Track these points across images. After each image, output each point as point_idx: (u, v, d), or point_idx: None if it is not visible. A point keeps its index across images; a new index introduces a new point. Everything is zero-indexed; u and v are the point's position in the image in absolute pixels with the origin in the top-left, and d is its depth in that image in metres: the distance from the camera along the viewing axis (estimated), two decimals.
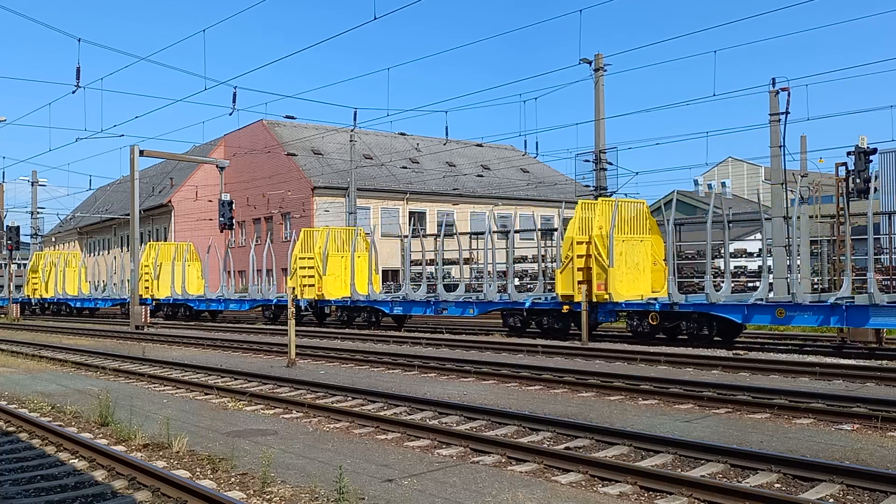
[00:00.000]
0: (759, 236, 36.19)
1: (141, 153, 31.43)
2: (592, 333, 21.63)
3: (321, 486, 6.49)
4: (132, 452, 7.96)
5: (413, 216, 51.57)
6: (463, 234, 37.39)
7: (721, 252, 22.70)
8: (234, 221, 32.85)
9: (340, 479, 6.10)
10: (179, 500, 6.20)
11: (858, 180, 18.52)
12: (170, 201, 59.88)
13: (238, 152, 52.17)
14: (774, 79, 20.41)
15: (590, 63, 27.09)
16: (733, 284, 22.65)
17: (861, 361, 14.54)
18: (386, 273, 42.54)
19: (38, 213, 51.75)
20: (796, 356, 15.91)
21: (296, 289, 29.48)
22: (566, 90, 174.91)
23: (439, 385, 12.87)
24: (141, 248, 37.27)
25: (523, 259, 36.29)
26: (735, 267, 30.09)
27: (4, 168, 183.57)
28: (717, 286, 20.17)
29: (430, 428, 8.82)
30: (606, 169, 27.10)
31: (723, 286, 19.75)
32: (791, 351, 17.69)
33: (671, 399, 10.73)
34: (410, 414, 10.16)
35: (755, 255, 33.82)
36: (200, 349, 21.04)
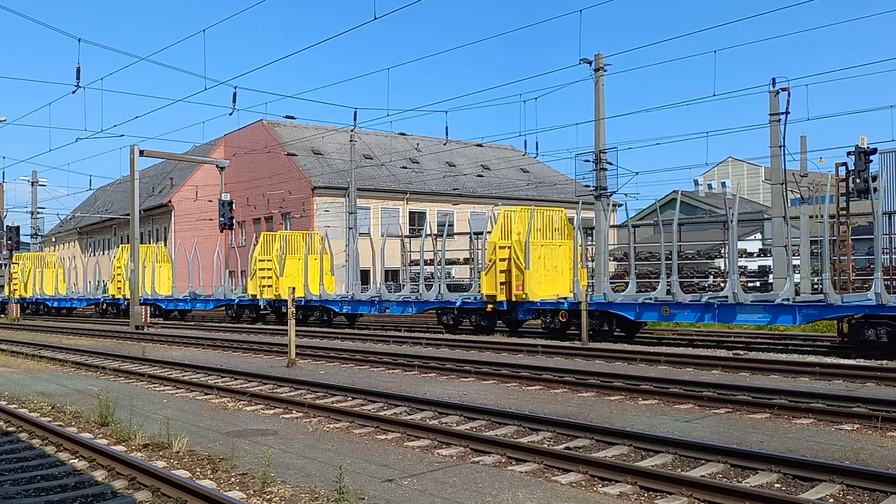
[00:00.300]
0: (759, 236, 36.31)
1: (141, 153, 31.45)
2: (517, 330, 24.26)
3: (321, 486, 6.49)
4: (132, 452, 7.96)
5: (413, 216, 51.60)
6: (412, 237, 41.57)
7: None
8: (234, 221, 33.19)
9: (340, 479, 6.10)
10: (179, 500, 6.20)
11: (858, 180, 18.53)
12: (170, 201, 59.86)
13: (238, 152, 52.14)
14: (774, 79, 20.50)
15: (590, 63, 27.07)
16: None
17: (861, 361, 14.54)
18: (386, 273, 42.45)
19: (38, 213, 51.85)
20: (796, 356, 15.92)
21: (256, 289, 32.38)
22: (566, 90, 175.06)
23: (439, 385, 12.87)
24: (114, 252, 39.18)
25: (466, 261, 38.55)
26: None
27: (4, 168, 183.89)
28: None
29: (430, 428, 8.82)
30: (606, 169, 27.08)
31: (628, 287, 21.16)
32: (791, 351, 17.70)
33: (671, 399, 10.73)
34: (410, 414, 10.16)
35: (755, 255, 33.85)
36: (200, 349, 21.05)
